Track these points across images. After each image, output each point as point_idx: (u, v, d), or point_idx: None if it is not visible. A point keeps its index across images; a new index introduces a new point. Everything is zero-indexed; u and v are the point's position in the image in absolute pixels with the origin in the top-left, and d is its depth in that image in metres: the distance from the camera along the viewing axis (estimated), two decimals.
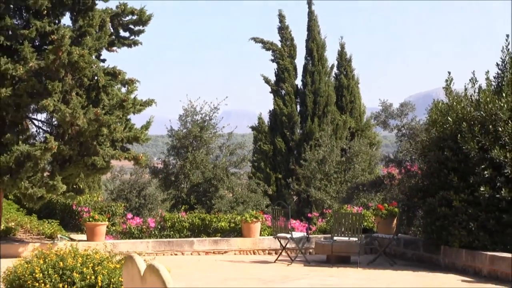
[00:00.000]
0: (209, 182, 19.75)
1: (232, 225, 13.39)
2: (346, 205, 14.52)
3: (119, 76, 12.12)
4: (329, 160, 21.16)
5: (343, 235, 11.25)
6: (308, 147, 22.77)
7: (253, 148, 24.83)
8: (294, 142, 24.21)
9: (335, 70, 25.93)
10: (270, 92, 25.26)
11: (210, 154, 20.82)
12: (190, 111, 20.86)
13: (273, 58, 25.22)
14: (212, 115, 20.86)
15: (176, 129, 21.05)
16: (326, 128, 23.24)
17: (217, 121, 21.10)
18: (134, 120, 12.61)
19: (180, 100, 21.26)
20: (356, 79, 25.97)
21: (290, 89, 24.82)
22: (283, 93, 24.92)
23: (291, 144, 24.26)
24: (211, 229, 13.41)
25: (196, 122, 20.66)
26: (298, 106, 24.97)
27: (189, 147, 20.52)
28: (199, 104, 21.07)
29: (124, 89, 12.38)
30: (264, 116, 25.63)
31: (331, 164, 21.08)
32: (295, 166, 22.66)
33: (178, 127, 21.10)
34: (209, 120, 20.86)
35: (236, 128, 21.70)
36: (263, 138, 24.45)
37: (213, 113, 20.86)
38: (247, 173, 23.06)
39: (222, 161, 20.36)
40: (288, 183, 22.84)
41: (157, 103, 12.50)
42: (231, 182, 20.09)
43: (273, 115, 24.98)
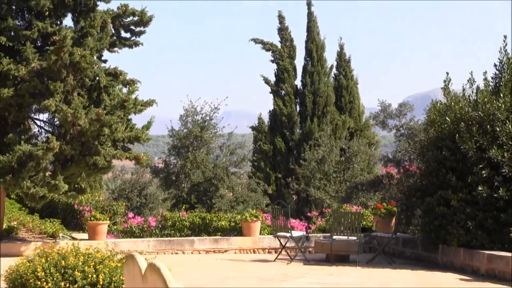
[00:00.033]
0: (209, 182, 19.80)
1: (232, 224, 13.42)
2: (345, 204, 14.49)
3: (120, 77, 12.18)
4: (329, 160, 21.21)
5: (342, 234, 11.30)
6: (308, 147, 22.81)
7: (253, 148, 24.87)
8: (294, 142, 24.26)
9: (334, 70, 25.97)
10: (270, 93, 25.30)
11: (210, 154, 20.87)
12: (191, 111, 20.91)
13: (273, 58, 25.27)
14: (213, 115, 20.94)
15: (177, 129, 21.11)
16: (326, 128, 23.28)
17: (217, 121, 21.18)
18: (135, 120, 12.69)
19: (181, 101, 21.33)
20: (355, 80, 26.01)
21: (289, 89, 24.86)
22: (282, 94, 24.95)
23: (290, 144, 24.30)
24: (212, 228, 13.45)
25: (197, 122, 20.71)
26: (297, 106, 24.99)
27: (190, 147, 20.57)
28: (199, 105, 21.15)
29: (125, 90, 12.44)
30: (264, 116, 25.68)
31: (330, 163, 21.14)
32: (295, 165, 22.71)
33: (178, 127, 21.17)
34: (209, 120, 20.91)
35: (236, 128, 21.77)
36: (263, 138, 24.49)
37: (214, 113, 20.94)
38: (247, 172, 23.13)
39: (223, 161, 20.41)
40: (287, 183, 22.89)
41: (157, 103, 12.55)
42: (231, 181, 20.13)
43: (273, 115, 25.02)
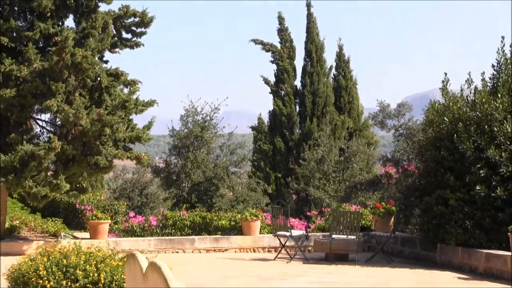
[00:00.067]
0: (210, 181, 19.84)
1: (232, 223, 13.48)
2: (344, 204, 14.53)
3: (121, 77, 12.23)
4: (328, 160, 21.27)
5: (341, 233, 11.36)
6: (307, 146, 22.85)
7: (253, 147, 24.89)
8: (293, 142, 24.30)
9: (333, 71, 25.98)
10: (270, 93, 25.34)
11: (210, 154, 20.89)
12: (191, 112, 20.93)
13: (272, 59, 25.30)
14: (213, 115, 20.94)
15: (177, 129, 21.12)
16: (325, 128, 23.31)
17: (217, 121, 21.18)
18: (136, 120, 12.76)
19: (182, 101, 21.31)
20: (354, 80, 26.02)
21: (289, 90, 24.90)
22: (282, 94, 24.99)
23: (290, 144, 24.34)
24: (212, 227, 13.51)
25: (197, 122, 20.75)
26: (297, 107, 25.01)
27: (190, 147, 20.61)
28: (200, 105, 21.15)
29: (126, 90, 12.51)
30: (263, 116, 25.70)
31: (329, 163, 21.20)
32: (294, 165, 22.75)
33: (179, 127, 21.18)
34: (209, 120, 20.93)
35: (236, 128, 21.79)
36: (263, 138, 24.53)
37: (214, 113, 20.94)
38: (247, 172, 23.16)
39: (223, 161, 20.45)
40: (287, 182, 22.94)
41: (158, 103, 12.61)
42: (231, 181, 20.17)
43: (273, 115, 25.06)
